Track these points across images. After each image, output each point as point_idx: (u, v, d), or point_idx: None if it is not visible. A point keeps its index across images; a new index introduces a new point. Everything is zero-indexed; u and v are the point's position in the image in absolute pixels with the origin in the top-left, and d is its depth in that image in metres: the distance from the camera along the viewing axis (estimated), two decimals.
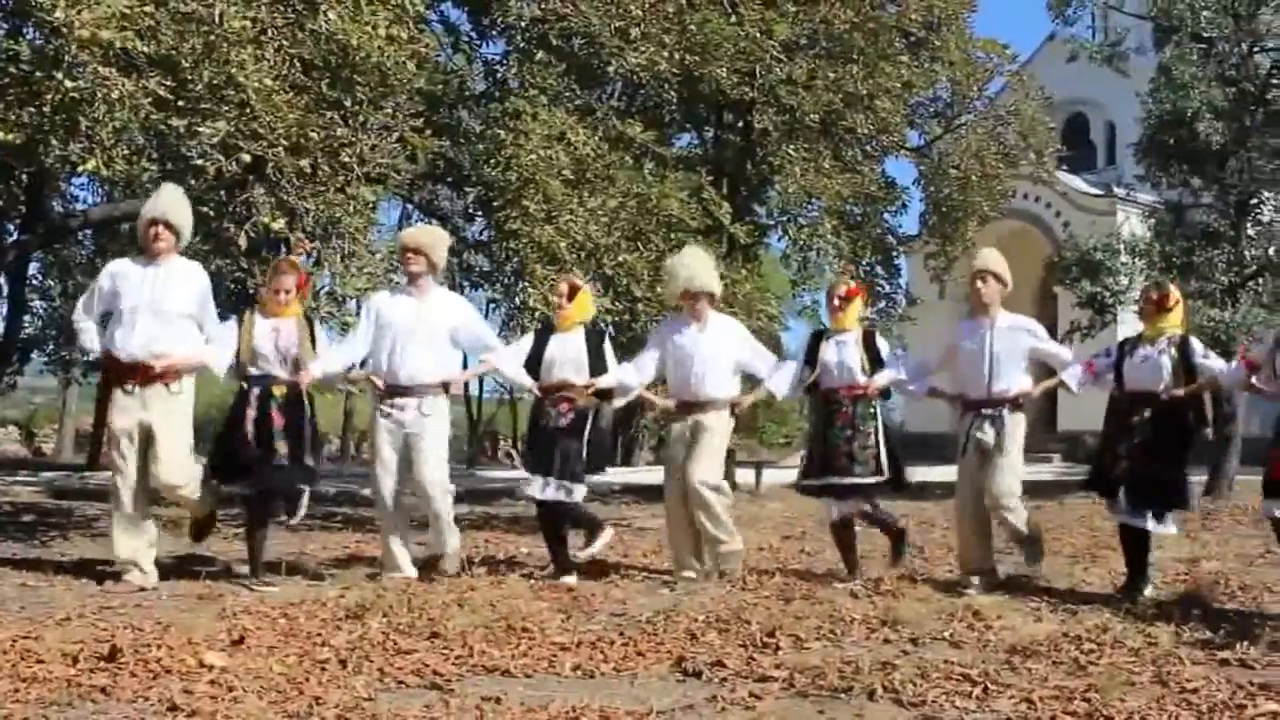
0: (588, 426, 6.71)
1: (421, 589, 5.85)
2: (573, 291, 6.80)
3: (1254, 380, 5.96)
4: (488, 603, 5.50)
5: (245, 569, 6.39)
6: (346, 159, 8.80)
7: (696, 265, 6.83)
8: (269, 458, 6.04)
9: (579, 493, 6.61)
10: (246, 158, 8.09)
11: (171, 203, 6.10)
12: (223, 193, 8.91)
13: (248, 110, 8.01)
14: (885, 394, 6.88)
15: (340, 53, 8.77)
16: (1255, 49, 16.33)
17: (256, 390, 6.09)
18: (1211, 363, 6.24)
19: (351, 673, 4.12)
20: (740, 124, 13.34)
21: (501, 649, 4.54)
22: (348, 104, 9.16)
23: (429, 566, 6.47)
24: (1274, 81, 16.18)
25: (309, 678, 4.00)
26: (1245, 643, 4.73)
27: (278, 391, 6.11)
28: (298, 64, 8.64)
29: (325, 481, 16.43)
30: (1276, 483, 5.58)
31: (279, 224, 8.38)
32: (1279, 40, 16.14)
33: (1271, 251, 16.00)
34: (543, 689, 3.97)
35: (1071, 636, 4.87)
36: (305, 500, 6.39)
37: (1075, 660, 4.45)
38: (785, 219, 13.85)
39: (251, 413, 6.04)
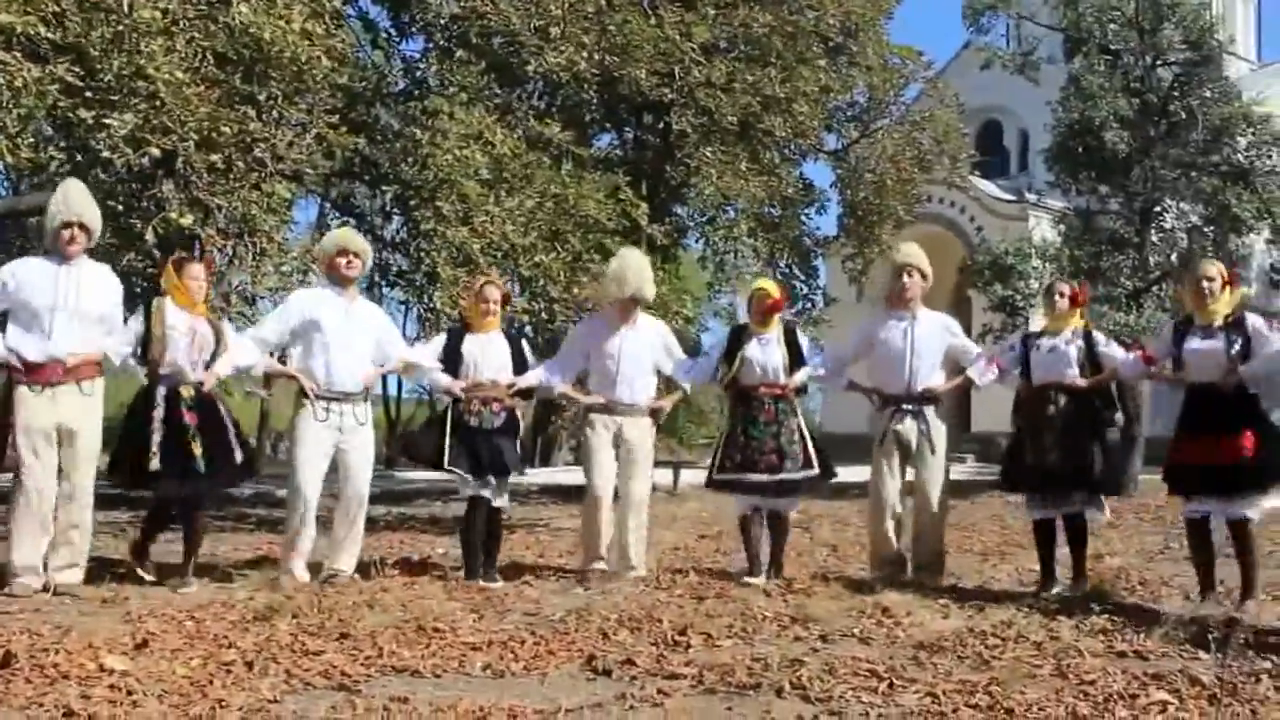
0: (519, 425, 6.72)
1: (333, 591, 5.79)
2: (505, 299, 6.90)
3: (1152, 371, 6.14)
4: (399, 603, 5.47)
5: (150, 573, 6.24)
6: (260, 154, 8.66)
7: (646, 273, 6.82)
8: (188, 461, 5.89)
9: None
10: (156, 151, 7.93)
11: (85, 203, 5.89)
12: (132, 186, 8.73)
13: (157, 103, 7.85)
14: (801, 390, 6.95)
15: (254, 46, 8.63)
16: (1158, 62, 16.82)
17: (162, 390, 5.92)
18: (1113, 351, 6.45)
19: (257, 675, 4.05)
20: (659, 125, 13.37)
21: (411, 649, 4.50)
22: (261, 99, 9.01)
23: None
24: (1175, 94, 16.69)
25: (213, 680, 3.93)
26: (1142, 635, 4.88)
27: (186, 392, 5.93)
28: (210, 57, 8.49)
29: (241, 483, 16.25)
30: (1181, 479, 5.75)
31: (188, 220, 8.21)
32: (1180, 54, 16.64)
33: (1174, 258, 16.47)
34: (452, 689, 3.95)
35: (977, 632, 4.97)
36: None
37: (980, 655, 4.55)
38: (703, 220, 13.92)
39: (159, 413, 5.89)
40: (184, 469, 5.87)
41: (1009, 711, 3.67)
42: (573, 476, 6.82)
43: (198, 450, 5.88)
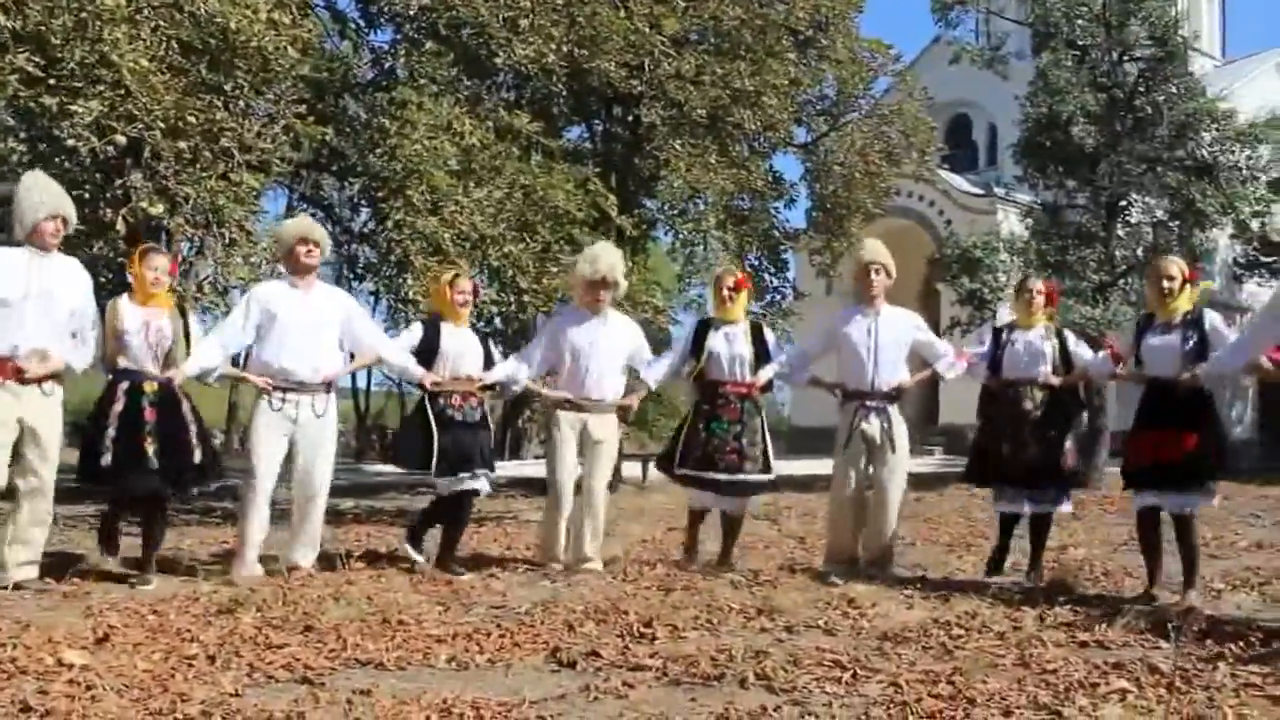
0: (493, 417, 6.73)
1: (298, 584, 5.76)
2: (476, 290, 6.89)
3: (1118, 370, 6.22)
4: (365, 596, 5.45)
5: (113, 565, 6.18)
6: (227, 144, 8.60)
7: (613, 256, 6.83)
8: (141, 458, 5.83)
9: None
10: (121, 139, 7.86)
11: (65, 195, 5.80)
12: (99, 176, 8.64)
13: (122, 90, 7.77)
14: (768, 387, 6.97)
15: (220, 36, 8.57)
16: (1125, 58, 16.97)
17: (124, 385, 5.84)
18: (1083, 351, 6.57)
19: (219, 669, 4.02)
20: (628, 117, 13.36)
21: (376, 642, 4.48)
22: (228, 88, 8.95)
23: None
24: (1141, 89, 16.84)
25: (174, 674, 3.90)
26: (1104, 625, 4.92)
27: (149, 388, 5.85)
28: (175, 45, 8.42)
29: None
30: (1134, 472, 5.82)
31: (158, 209, 8.14)
32: (1146, 50, 16.79)
33: (1139, 252, 16.62)
34: (415, 681, 3.93)
35: (941, 622, 5.00)
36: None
37: (943, 645, 4.57)
38: (672, 213, 13.93)
39: (117, 408, 5.82)
40: (137, 466, 5.81)
41: (971, 701, 3.69)
42: (542, 470, 6.80)
43: (150, 448, 5.81)
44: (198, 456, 6.00)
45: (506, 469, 18.69)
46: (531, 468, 17.49)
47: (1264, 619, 5.20)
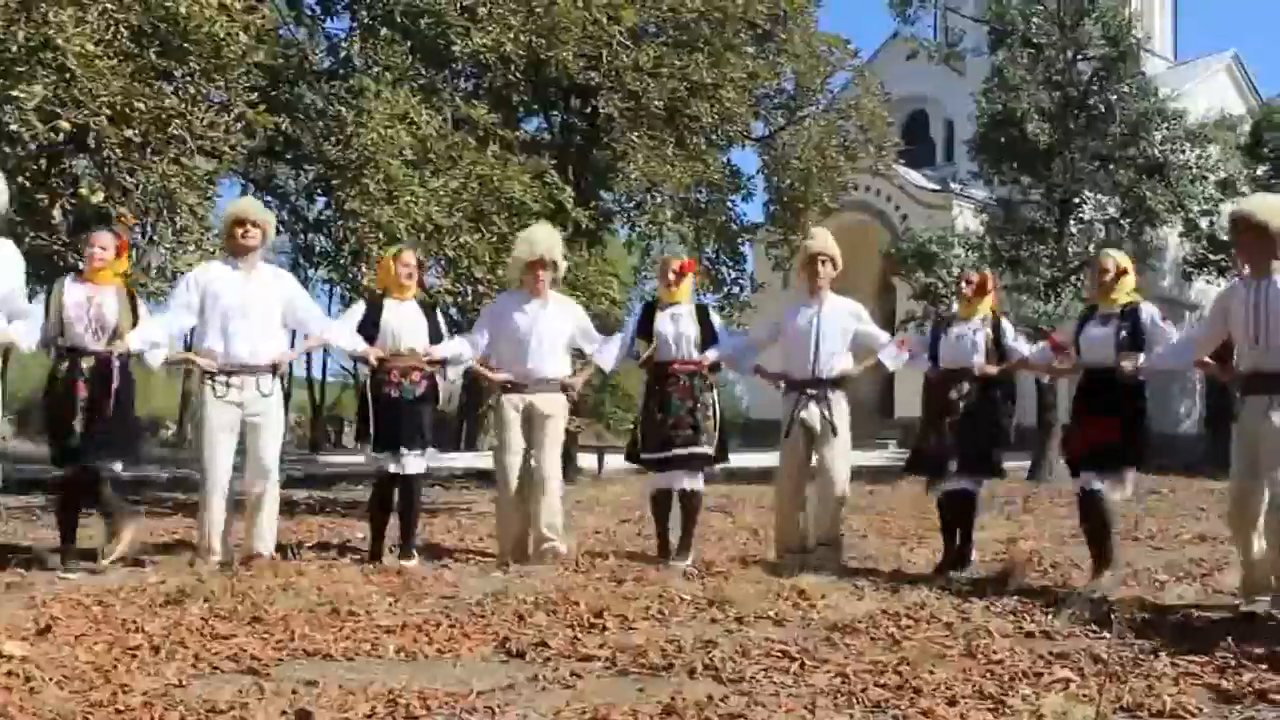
0: (439, 395, 6.69)
1: (247, 574, 5.70)
2: (420, 264, 6.92)
3: (1055, 363, 6.30)
4: (315, 587, 5.41)
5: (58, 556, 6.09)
6: (177, 131, 8.48)
7: (550, 237, 6.85)
8: (68, 436, 5.75)
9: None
10: (66, 125, 7.72)
11: (2, 181, 5.71)
12: (44, 162, 8.49)
13: (67, 75, 7.64)
14: (715, 368, 6.99)
15: (170, 21, 8.45)
16: (1079, 57, 17.18)
17: (65, 364, 5.79)
18: (1019, 345, 6.66)
19: (164, 659, 3.98)
20: (586, 109, 13.33)
21: (324, 632, 4.45)
22: (178, 74, 8.82)
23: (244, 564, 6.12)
24: (1095, 88, 17.05)
25: (117, 665, 3.85)
26: (1050, 615, 4.98)
27: (85, 364, 5.78)
28: (124, 30, 8.29)
29: (159, 467, 15.95)
30: (1072, 458, 5.95)
31: (98, 196, 8.01)
32: (1100, 50, 16.99)
33: (1091, 248, 16.83)
34: (363, 672, 3.91)
35: (891, 613, 5.04)
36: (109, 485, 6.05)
37: (891, 636, 4.60)
38: (630, 205, 13.90)
39: (58, 387, 5.76)
40: (63, 442, 5.75)
41: (917, 690, 3.72)
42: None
43: (78, 425, 5.74)
44: (120, 435, 5.90)
45: (461, 460, 18.65)
46: (486, 459, 17.44)
47: (1205, 609, 5.30)
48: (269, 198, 11.61)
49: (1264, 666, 4.01)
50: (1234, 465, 5.17)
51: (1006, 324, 6.75)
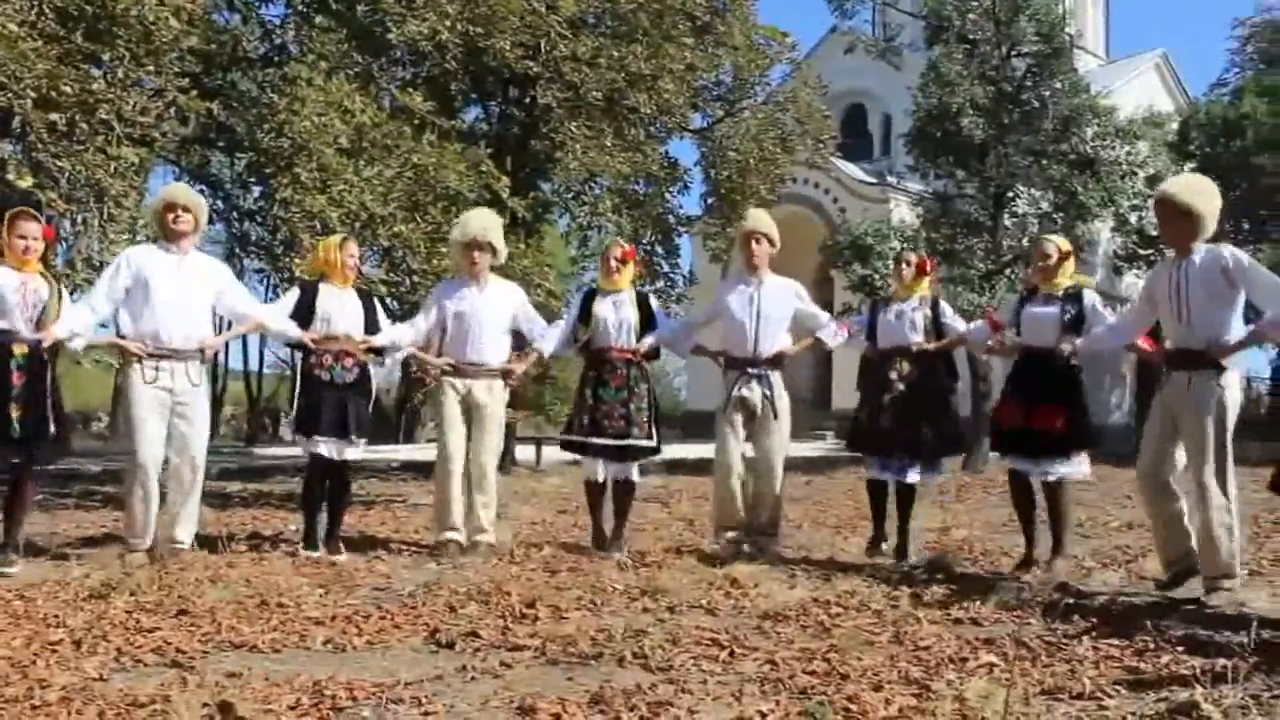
0: (372, 383, 6.64)
1: (176, 567, 5.62)
2: (360, 258, 6.87)
3: (990, 342, 6.37)
4: (244, 579, 5.36)
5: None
6: (105, 116, 8.31)
7: (488, 220, 6.84)
8: (5, 426, 5.60)
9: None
10: None
11: None
12: None
13: None
14: (654, 355, 7.00)
15: (98, 3, 8.27)
16: (1013, 53, 17.42)
17: None
18: (957, 323, 6.71)
19: (85, 653, 3.91)
20: (524, 99, 13.27)
21: (252, 624, 4.40)
22: (107, 58, 8.64)
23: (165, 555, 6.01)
24: (1028, 84, 17.31)
25: (35, 660, 3.78)
26: (978, 602, 5.06)
27: (19, 350, 5.62)
28: (49, 11, 8.11)
29: (90, 459, 15.66)
30: (1004, 436, 6.03)
31: (26, 181, 7.84)
32: (1033, 46, 17.25)
33: (1025, 242, 17.09)
34: (290, 664, 3.87)
35: (822, 601, 5.09)
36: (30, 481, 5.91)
37: (822, 623, 4.65)
38: (568, 196, 13.86)
39: None
40: (2, 434, 5.61)
41: (844, 676, 3.76)
42: (434, 454, 6.73)
43: (15, 414, 5.60)
44: (52, 430, 5.77)
45: (399, 452, 18.52)
46: (424, 451, 17.33)
47: (1127, 595, 5.41)
48: (203, 186, 11.44)
49: (1180, 649, 4.11)
50: (1149, 429, 5.32)
51: (944, 304, 6.79)
